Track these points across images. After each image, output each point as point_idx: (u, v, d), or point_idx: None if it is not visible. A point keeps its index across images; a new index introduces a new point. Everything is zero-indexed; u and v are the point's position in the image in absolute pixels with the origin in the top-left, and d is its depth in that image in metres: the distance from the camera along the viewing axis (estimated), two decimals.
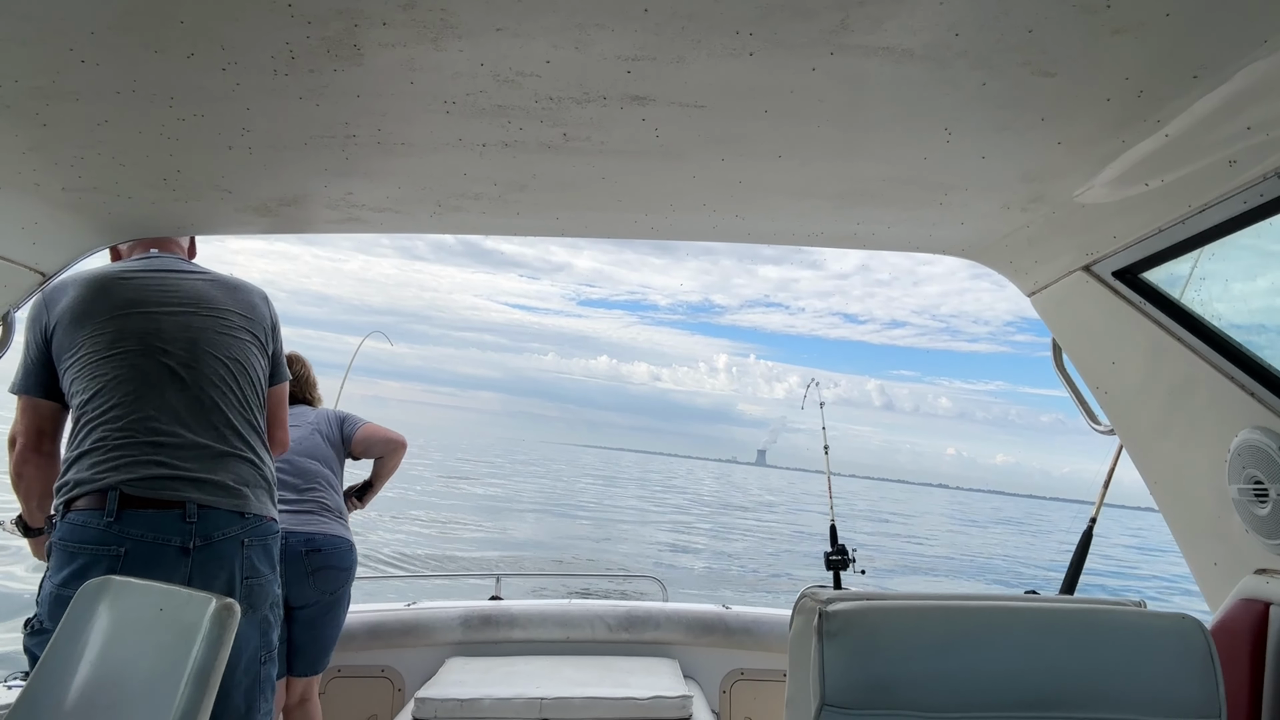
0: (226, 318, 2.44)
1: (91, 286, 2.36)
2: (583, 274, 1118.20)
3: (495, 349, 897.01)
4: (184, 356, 2.32)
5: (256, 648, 2.29)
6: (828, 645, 1.36)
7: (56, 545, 2.13)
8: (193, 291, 2.43)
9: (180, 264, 2.53)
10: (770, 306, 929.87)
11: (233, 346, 2.41)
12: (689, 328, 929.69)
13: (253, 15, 1.35)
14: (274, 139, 1.85)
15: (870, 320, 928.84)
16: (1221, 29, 1.28)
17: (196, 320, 2.38)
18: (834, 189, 2.03)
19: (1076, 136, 1.65)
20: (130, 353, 2.27)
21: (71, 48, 1.46)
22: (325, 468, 3.36)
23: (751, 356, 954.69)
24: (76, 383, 2.27)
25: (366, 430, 3.55)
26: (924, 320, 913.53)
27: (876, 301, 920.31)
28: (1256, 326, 1.91)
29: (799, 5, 1.27)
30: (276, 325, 2.63)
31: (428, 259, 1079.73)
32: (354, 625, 3.61)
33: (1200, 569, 2.15)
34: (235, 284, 2.54)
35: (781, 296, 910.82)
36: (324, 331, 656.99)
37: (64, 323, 2.30)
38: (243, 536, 2.24)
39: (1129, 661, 1.39)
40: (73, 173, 2.03)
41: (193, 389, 2.30)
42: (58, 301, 2.34)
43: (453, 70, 1.51)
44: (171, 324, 2.34)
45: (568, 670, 3.47)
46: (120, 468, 2.15)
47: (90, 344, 2.28)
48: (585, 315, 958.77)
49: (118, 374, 2.25)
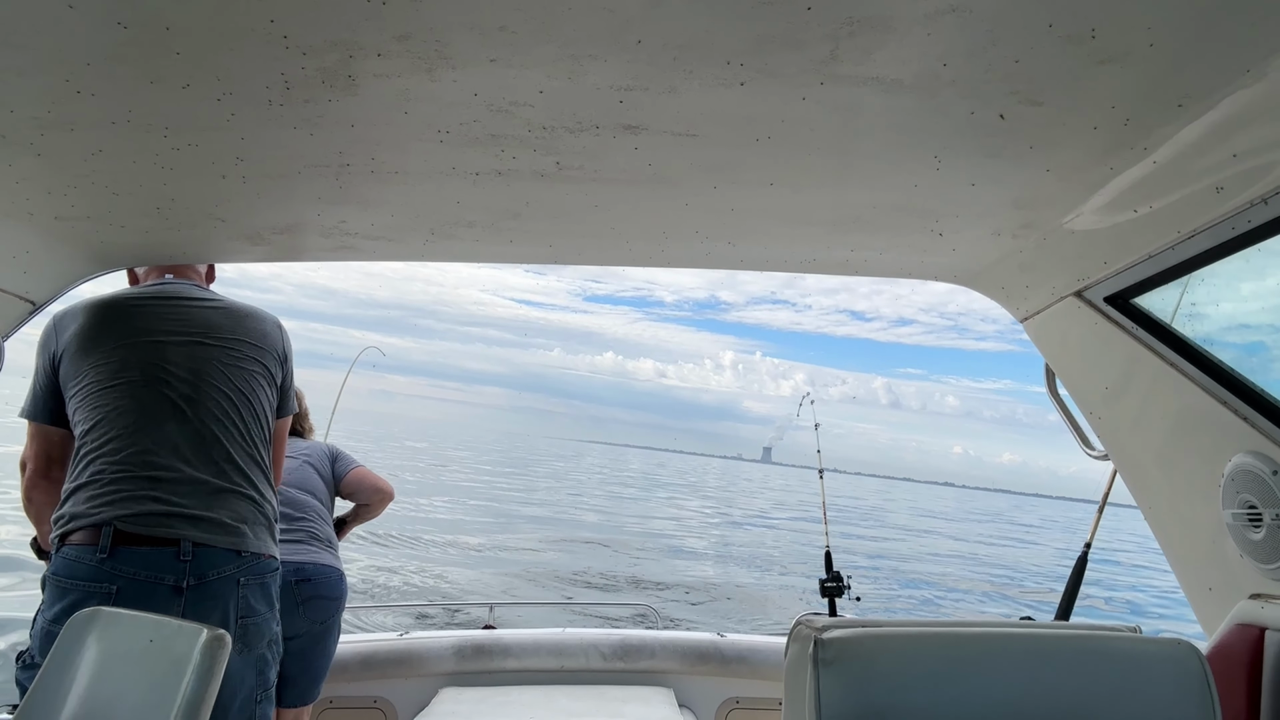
0: (235, 348, 2.41)
1: (100, 313, 2.34)
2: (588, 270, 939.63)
3: (501, 344, 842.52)
4: (186, 389, 2.29)
5: (253, 687, 2.25)
6: (823, 673, 1.35)
7: (50, 580, 2.11)
8: (201, 320, 2.40)
9: (193, 290, 2.49)
10: (776, 303, 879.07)
11: (238, 378, 2.38)
12: (695, 324, 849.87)
13: (249, 46, 1.36)
14: (268, 168, 1.86)
15: (877, 318, 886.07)
16: (1206, 59, 1.30)
17: (202, 350, 2.35)
18: (826, 216, 2.04)
19: (1065, 164, 1.67)
20: (133, 383, 2.25)
21: (68, 78, 1.46)
22: (316, 499, 3.34)
23: (757, 353, 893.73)
24: (79, 411, 2.25)
25: (358, 474, 3.54)
26: (931, 318, 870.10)
27: (883, 299, 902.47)
28: (1248, 351, 1.92)
29: (790, 36, 1.29)
30: (287, 355, 2.59)
31: None
32: (346, 656, 3.57)
33: (1195, 594, 2.15)
34: (247, 312, 2.50)
35: (788, 293, 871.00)
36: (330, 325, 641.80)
37: (70, 350, 2.29)
38: (239, 575, 2.19)
39: (1125, 687, 1.39)
40: (66, 202, 2.03)
41: (194, 422, 2.27)
42: (66, 328, 2.33)
43: (447, 100, 1.52)
44: (177, 354, 2.32)
45: (562, 700, 3.44)
46: (115, 503, 2.12)
47: (94, 373, 2.26)
48: (591, 311, 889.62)
49: (119, 405, 2.23)
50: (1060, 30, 1.25)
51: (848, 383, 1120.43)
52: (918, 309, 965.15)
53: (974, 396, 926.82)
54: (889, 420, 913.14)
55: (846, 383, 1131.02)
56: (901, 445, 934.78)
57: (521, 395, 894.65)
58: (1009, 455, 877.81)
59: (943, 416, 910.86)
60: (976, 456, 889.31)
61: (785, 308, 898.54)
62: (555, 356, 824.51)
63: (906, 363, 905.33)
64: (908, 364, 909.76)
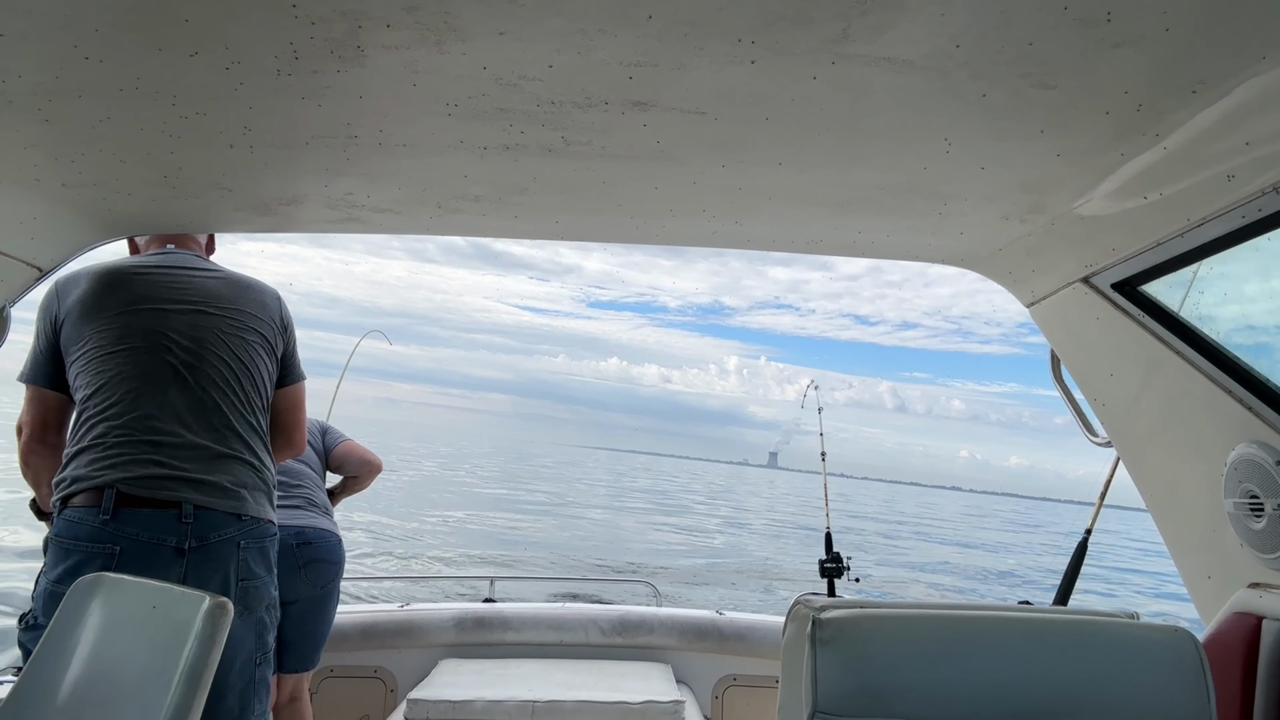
0: (235, 317, 2.43)
1: (103, 280, 2.36)
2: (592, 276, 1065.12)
3: (505, 351, 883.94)
4: (188, 356, 2.31)
5: (252, 649, 2.28)
6: (821, 652, 1.36)
7: (53, 541, 2.13)
8: (202, 289, 2.43)
9: (194, 260, 2.52)
10: (780, 308, 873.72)
11: (238, 347, 2.41)
12: (699, 329, 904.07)
13: (257, 15, 1.35)
14: (275, 138, 1.85)
15: (881, 322, 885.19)
16: (1221, 44, 1.29)
17: (203, 319, 2.38)
18: (833, 197, 2.03)
19: (1075, 148, 1.66)
20: (135, 349, 2.28)
21: (75, 44, 1.46)
22: (310, 469, 3.39)
23: (762, 358, 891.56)
24: (81, 376, 2.27)
25: (346, 446, 3.59)
26: (936, 322, 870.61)
27: (888, 303, 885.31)
28: (1255, 341, 1.91)
29: (801, 14, 1.28)
30: (288, 324, 2.61)
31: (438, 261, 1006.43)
32: (347, 625, 3.61)
33: (1194, 582, 2.16)
34: (247, 283, 2.53)
35: (791, 298, 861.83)
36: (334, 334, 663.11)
37: (73, 316, 2.31)
38: (239, 538, 2.23)
39: (1121, 673, 1.40)
40: (73, 169, 2.03)
41: (195, 389, 2.29)
42: (69, 293, 2.35)
43: (455, 73, 1.52)
44: (179, 321, 2.34)
45: (560, 674, 3.47)
46: (118, 466, 2.15)
47: (97, 339, 2.28)
48: (595, 317, 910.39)
49: (121, 370, 2.25)
50: (1075, 13, 1.23)
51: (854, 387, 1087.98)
52: (922, 313, 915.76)
53: (980, 400, 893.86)
54: (895, 425, 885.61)
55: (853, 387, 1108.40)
56: (908, 450, 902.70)
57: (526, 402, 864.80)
58: (1016, 459, 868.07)
59: (949, 420, 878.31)
60: (984, 460, 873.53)
61: (789, 312, 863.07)
62: (560, 363, 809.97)
63: (911, 367, 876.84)
64: (913, 368, 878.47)
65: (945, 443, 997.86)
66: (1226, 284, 1.91)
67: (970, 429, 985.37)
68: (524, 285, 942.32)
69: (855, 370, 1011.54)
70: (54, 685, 1.75)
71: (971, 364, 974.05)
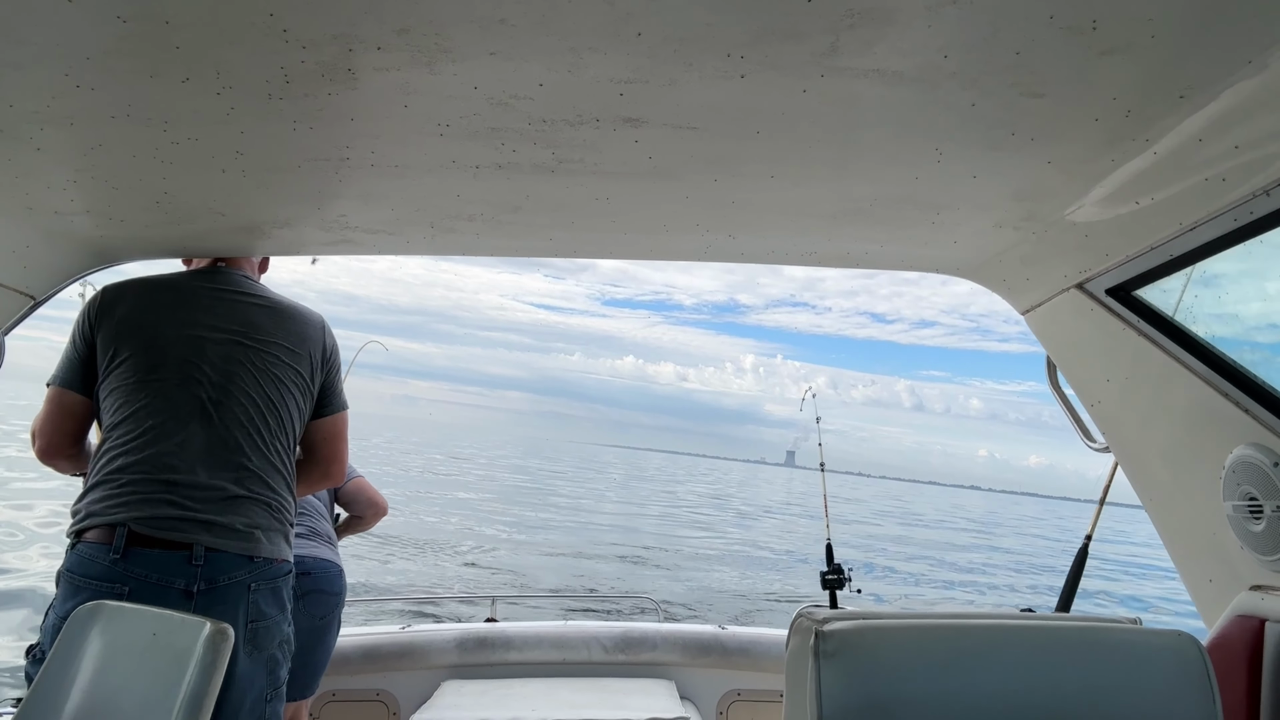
0: (271, 350, 2.39)
1: (147, 297, 2.35)
2: (606, 274, 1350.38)
3: (521, 349, 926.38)
4: (217, 392, 2.28)
5: (263, 687, 2.24)
6: (824, 665, 1.36)
7: (64, 575, 2.12)
8: (244, 318, 2.39)
9: (242, 282, 2.48)
10: (796, 306, 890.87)
11: (269, 383, 2.36)
12: (714, 328, 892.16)
13: (248, 40, 1.36)
14: (268, 162, 1.85)
15: (898, 319, 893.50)
16: (1208, 50, 1.30)
17: (239, 351, 2.34)
18: (826, 209, 2.04)
19: (1066, 156, 1.67)
20: (166, 382, 2.25)
21: (67, 73, 1.46)
22: (317, 498, 3.35)
23: (779, 357, 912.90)
24: (111, 399, 2.25)
25: (357, 484, 3.54)
26: (953, 320, 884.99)
27: (904, 301, 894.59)
28: (1250, 343, 1.92)
29: (790, 28, 1.28)
30: (330, 354, 2.55)
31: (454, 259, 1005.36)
32: (348, 648, 3.58)
33: (1195, 586, 2.15)
34: (290, 312, 2.48)
35: (807, 296, 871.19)
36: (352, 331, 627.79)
37: (112, 329, 2.29)
38: (250, 581, 2.19)
39: (1125, 679, 1.39)
40: (65, 196, 2.03)
41: (219, 426, 2.26)
42: (113, 307, 2.32)
43: (447, 93, 1.52)
44: (214, 352, 2.31)
45: (564, 692, 3.45)
46: (131, 504, 2.12)
47: (132, 363, 2.26)
48: (610, 315, 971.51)
49: (150, 403, 2.22)
50: (1061, 22, 1.24)
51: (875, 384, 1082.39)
52: (939, 310, 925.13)
53: (998, 399, 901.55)
54: (913, 423, 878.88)
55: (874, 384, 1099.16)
56: (927, 448, 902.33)
57: (543, 400, 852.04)
58: (1035, 458, 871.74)
59: (967, 419, 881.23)
60: (1003, 459, 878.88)
61: (805, 310, 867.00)
62: (576, 361, 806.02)
63: (929, 365, 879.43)
64: (931, 366, 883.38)
65: (964, 441, 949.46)
66: (1221, 287, 1.91)
67: (989, 427, 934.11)
68: (539, 283, 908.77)
69: (873, 368, 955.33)
70: (55, 715, 1.74)
71: (990, 362, 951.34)
